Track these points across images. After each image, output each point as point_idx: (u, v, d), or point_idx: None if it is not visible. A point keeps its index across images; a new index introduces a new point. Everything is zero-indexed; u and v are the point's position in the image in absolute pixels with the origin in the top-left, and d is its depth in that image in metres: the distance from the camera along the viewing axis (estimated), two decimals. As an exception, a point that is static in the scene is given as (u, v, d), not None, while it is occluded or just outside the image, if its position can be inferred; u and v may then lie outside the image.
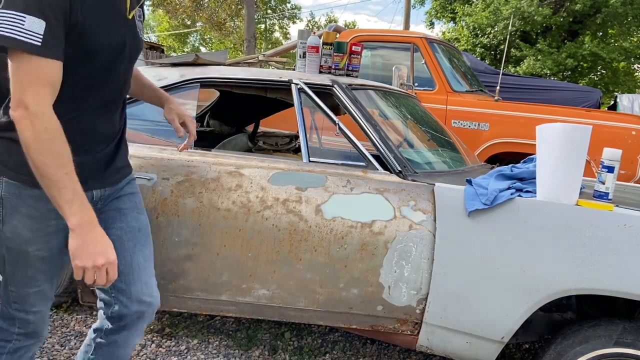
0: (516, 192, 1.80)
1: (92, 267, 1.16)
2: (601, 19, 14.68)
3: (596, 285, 1.64)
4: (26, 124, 1.08)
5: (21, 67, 1.07)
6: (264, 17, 26.79)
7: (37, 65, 1.07)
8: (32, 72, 1.07)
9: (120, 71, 1.31)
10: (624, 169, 3.61)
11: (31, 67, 1.07)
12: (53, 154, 1.09)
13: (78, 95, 1.23)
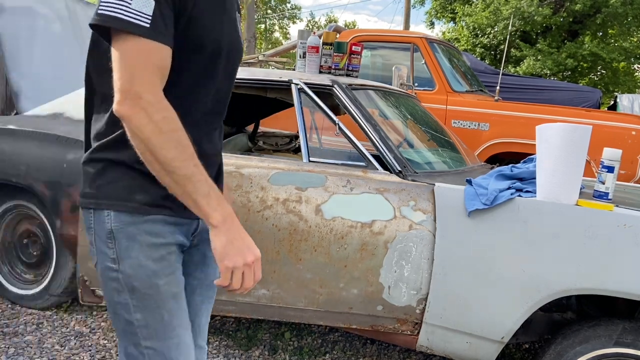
0: (516, 192, 1.80)
1: (242, 265, 0.96)
2: (601, 19, 14.67)
3: (596, 285, 1.64)
4: (141, 117, 0.89)
5: (128, 51, 0.89)
6: (264, 17, 26.79)
7: (147, 49, 0.90)
8: (141, 57, 0.89)
9: (221, 76, 1.09)
10: (624, 169, 3.61)
11: (140, 51, 0.89)
12: (178, 145, 0.91)
13: (182, 102, 1.00)
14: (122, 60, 0.90)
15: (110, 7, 0.88)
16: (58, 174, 2.29)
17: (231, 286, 0.97)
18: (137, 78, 0.89)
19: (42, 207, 2.46)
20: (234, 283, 0.97)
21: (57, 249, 2.47)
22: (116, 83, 0.90)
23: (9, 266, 2.65)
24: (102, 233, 1.02)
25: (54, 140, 2.35)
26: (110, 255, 1.02)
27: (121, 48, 0.90)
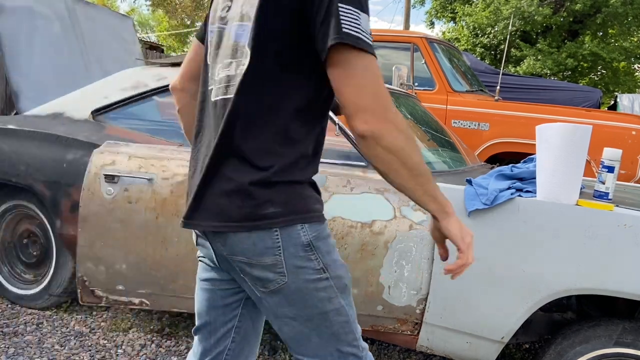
0: (516, 192, 1.80)
1: (470, 243, 1.05)
2: (601, 19, 14.67)
3: (596, 285, 1.64)
4: (393, 130, 0.92)
5: (368, 71, 0.91)
6: (264, 17, 26.76)
7: (377, 66, 0.93)
8: (377, 74, 0.92)
9: None
10: (624, 169, 3.61)
11: (375, 68, 0.92)
12: (417, 147, 0.97)
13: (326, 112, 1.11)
14: (364, 79, 0.91)
15: (353, 26, 0.89)
16: (58, 174, 2.28)
17: (467, 262, 1.05)
18: (380, 94, 0.91)
19: (42, 207, 2.46)
20: (470, 258, 1.04)
21: (57, 249, 2.47)
22: (355, 102, 0.91)
23: (9, 266, 2.65)
24: (297, 248, 1.01)
25: (54, 140, 2.34)
26: (314, 266, 1.03)
27: (361, 67, 0.90)
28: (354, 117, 0.92)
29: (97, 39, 3.73)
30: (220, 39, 1.07)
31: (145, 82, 2.40)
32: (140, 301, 2.12)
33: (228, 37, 1.04)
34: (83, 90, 2.59)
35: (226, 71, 1.03)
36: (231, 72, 1.02)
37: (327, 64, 0.92)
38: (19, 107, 2.92)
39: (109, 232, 2.05)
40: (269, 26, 0.96)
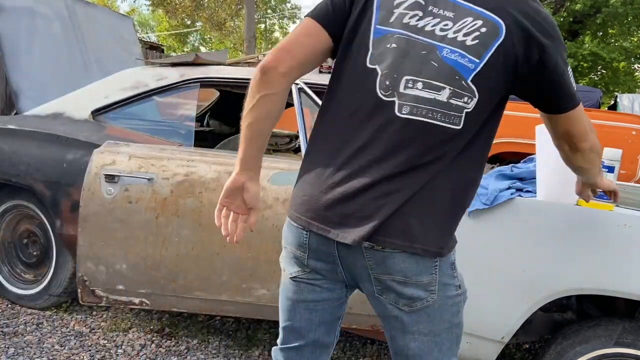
0: (516, 192, 1.80)
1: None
2: (601, 19, 14.67)
3: (596, 285, 1.63)
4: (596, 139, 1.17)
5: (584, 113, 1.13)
6: (264, 17, 26.80)
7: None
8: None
9: None
10: (624, 169, 3.61)
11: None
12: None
13: None
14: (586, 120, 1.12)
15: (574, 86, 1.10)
16: (58, 174, 2.28)
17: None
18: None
19: (42, 207, 2.46)
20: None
21: (57, 249, 2.47)
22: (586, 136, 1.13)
23: (9, 266, 2.65)
24: (447, 267, 1.08)
25: (54, 140, 2.35)
26: (455, 283, 1.10)
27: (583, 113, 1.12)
28: (585, 140, 1.14)
29: (97, 39, 3.73)
30: (408, 49, 1.02)
31: (145, 82, 2.40)
32: (140, 301, 2.12)
33: (442, 58, 1.01)
34: (83, 90, 2.59)
35: (431, 93, 1.01)
36: (442, 99, 1.01)
37: (562, 115, 1.09)
38: (19, 107, 2.92)
39: (109, 232, 2.05)
40: (496, 69, 1.01)
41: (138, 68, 2.56)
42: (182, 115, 2.46)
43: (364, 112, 1.04)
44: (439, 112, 1.00)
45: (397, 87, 1.01)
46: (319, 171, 1.06)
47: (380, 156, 1.01)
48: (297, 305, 1.17)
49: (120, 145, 2.16)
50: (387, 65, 1.02)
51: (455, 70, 1.00)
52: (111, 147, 2.14)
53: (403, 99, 1.01)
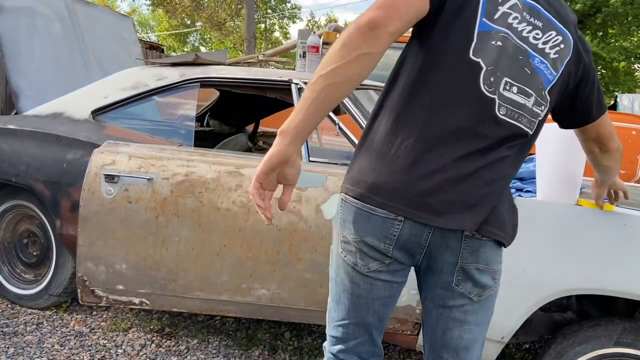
0: (516, 192, 1.80)
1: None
2: (601, 19, 14.67)
3: (596, 285, 1.63)
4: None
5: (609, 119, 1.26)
6: (264, 17, 26.79)
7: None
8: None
9: None
10: (624, 169, 3.61)
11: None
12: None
13: None
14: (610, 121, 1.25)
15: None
16: (58, 174, 2.28)
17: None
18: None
19: (42, 207, 2.46)
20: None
21: (57, 249, 2.47)
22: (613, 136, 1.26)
23: (9, 266, 2.65)
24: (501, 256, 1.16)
25: (54, 140, 2.35)
26: (500, 271, 1.16)
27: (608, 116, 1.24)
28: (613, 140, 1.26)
29: (97, 39, 3.73)
30: (510, 51, 1.03)
31: (145, 82, 2.40)
32: (140, 301, 2.12)
33: (531, 66, 1.05)
34: (83, 90, 2.59)
35: (523, 99, 1.04)
36: (529, 105, 1.05)
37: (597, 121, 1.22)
38: (19, 107, 2.92)
39: (109, 232, 2.05)
40: (561, 83, 1.10)
41: (138, 68, 2.56)
42: (182, 115, 2.46)
43: (465, 103, 1.01)
44: (525, 117, 1.05)
45: (499, 86, 1.02)
46: (409, 156, 1.01)
47: (479, 148, 1.01)
48: (372, 302, 1.12)
49: (120, 145, 2.16)
50: (491, 62, 1.01)
51: (541, 80, 1.05)
52: (111, 147, 2.14)
53: (502, 99, 1.03)
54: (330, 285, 1.18)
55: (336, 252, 1.13)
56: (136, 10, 30.80)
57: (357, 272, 1.08)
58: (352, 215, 1.06)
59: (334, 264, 1.15)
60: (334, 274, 1.16)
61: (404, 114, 1.04)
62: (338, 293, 1.14)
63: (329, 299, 1.19)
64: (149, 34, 31.91)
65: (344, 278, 1.11)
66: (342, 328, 1.16)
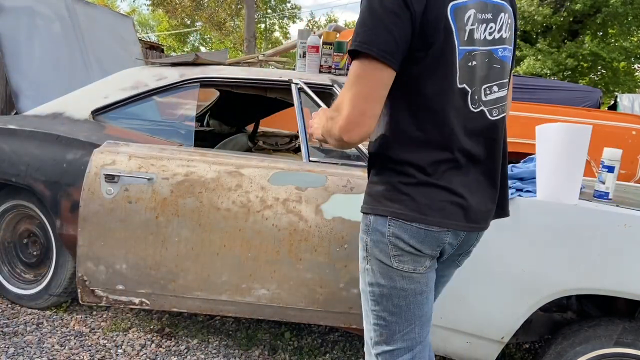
0: (516, 192, 1.80)
1: None
2: (601, 19, 14.67)
3: (596, 285, 1.63)
4: None
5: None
6: (264, 16, 26.79)
7: None
8: None
9: None
10: (624, 169, 3.61)
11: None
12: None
13: None
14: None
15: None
16: (58, 174, 2.29)
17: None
18: None
19: (42, 207, 2.46)
20: None
21: (57, 249, 2.47)
22: None
23: (9, 266, 2.65)
24: None
25: (54, 140, 2.35)
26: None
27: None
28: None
29: (97, 39, 3.73)
30: (480, 62, 1.12)
31: (145, 82, 2.40)
32: (140, 301, 2.12)
33: (498, 60, 1.16)
34: (83, 90, 2.59)
35: (501, 92, 1.18)
36: (502, 94, 1.19)
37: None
38: (19, 107, 2.92)
39: (109, 232, 2.05)
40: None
41: (138, 68, 2.56)
42: (182, 115, 2.46)
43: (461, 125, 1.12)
44: (503, 105, 1.21)
45: (481, 97, 1.14)
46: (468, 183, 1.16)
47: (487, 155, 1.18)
48: (430, 294, 1.23)
49: (120, 145, 2.16)
50: (472, 82, 1.12)
51: (507, 64, 1.20)
52: (111, 147, 2.14)
53: (488, 105, 1.15)
54: (375, 306, 1.22)
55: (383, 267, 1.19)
56: (136, 10, 30.78)
57: (417, 272, 1.18)
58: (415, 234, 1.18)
59: (382, 279, 1.19)
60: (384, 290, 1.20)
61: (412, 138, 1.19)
62: (396, 305, 1.20)
63: (375, 319, 1.23)
64: (149, 34, 31.90)
65: (403, 284, 1.18)
66: (407, 335, 1.21)
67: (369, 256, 1.19)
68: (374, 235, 1.17)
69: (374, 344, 1.24)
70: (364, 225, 1.20)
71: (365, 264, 1.21)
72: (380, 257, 1.17)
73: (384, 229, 1.15)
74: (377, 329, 1.22)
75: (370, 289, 1.21)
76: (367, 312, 1.24)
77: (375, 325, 1.22)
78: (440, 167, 1.11)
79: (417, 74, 1.09)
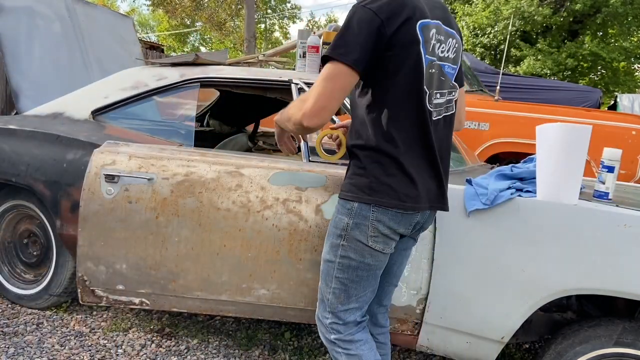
0: (516, 192, 1.80)
1: None
2: (601, 19, 14.67)
3: (596, 285, 1.64)
4: None
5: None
6: (264, 17, 26.78)
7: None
8: None
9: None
10: (624, 169, 3.61)
11: None
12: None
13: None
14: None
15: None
16: (58, 174, 2.29)
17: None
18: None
19: (42, 207, 2.46)
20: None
21: (57, 249, 2.47)
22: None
23: (9, 266, 2.65)
24: None
25: (54, 140, 2.35)
26: None
27: None
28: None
29: (97, 39, 3.73)
30: (435, 72, 1.39)
31: (145, 82, 2.40)
32: (140, 301, 2.12)
33: (444, 74, 1.43)
34: (83, 90, 2.59)
35: (441, 99, 1.43)
36: (442, 101, 1.44)
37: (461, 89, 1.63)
38: (19, 107, 2.92)
39: (109, 232, 2.05)
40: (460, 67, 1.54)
41: (138, 68, 2.56)
42: (182, 115, 2.46)
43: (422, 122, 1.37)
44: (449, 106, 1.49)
45: (432, 100, 1.39)
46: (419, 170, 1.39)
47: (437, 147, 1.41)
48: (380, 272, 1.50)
49: (120, 145, 2.16)
50: (430, 85, 1.38)
51: (449, 79, 1.47)
52: (111, 147, 2.14)
53: (434, 107, 1.41)
54: (341, 274, 1.46)
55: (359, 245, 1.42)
56: (136, 10, 30.79)
57: (383, 253, 1.44)
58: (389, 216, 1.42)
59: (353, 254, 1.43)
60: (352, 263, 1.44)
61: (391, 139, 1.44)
62: (359, 275, 1.45)
63: (337, 284, 1.48)
64: (149, 34, 31.90)
65: (369, 261, 1.43)
66: (361, 298, 1.49)
67: (347, 235, 1.42)
68: (357, 219, 1.40)
69: (330, 304, 1.50)
70: (344, 209, 1.42)
71: (340, 240, 1.44)
72: (359, 237, 1.41)
73: (368, 213, 1.38)
74: (337, 292, 1.48)
75: (339, 260, 1.45)
76: (330, 278, 1.48)
77: (335, 289, 1.48)
78: (409, 158, 1.36)
79: (393, 77, 1.32)
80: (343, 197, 1.43)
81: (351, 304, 1.49)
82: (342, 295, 1.48)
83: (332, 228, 1.48)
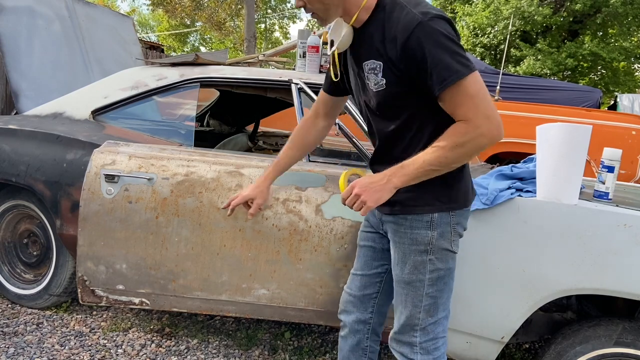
0: (516, 192, 1.80)
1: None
2: (601, 19, 14.68)
3: (596, 285, 1.64)
4: None
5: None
6: (264, 17, 26.78)
7: None
8: None
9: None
10: (624, 169, 3.61)
11: None
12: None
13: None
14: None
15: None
16: (58, 174, 2.29)
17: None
18: None
19: (42, 207, 2.46)
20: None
21: (57, 248, 2.47)
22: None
23: (9, 266, 2.65)
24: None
25: (54, 140, 2.35)
26: None
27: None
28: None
29: (97, 39, 3.73)
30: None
31: (145, 82, 2.40)
32: (140, 301, 2.12)
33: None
34: (83, 90, 2.59)
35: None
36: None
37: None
38: (19, 107, 2.92)
39: (109, 232, 2.05)
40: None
41: (138, 68, 2.56)
42: (182, 115, 2.46)
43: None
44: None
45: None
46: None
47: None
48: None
49: (120, 145, 2.16)
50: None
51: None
52: (111, 147, 2.14)
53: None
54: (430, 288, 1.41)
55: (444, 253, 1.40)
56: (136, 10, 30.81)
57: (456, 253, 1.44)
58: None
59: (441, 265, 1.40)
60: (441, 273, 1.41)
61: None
62: (446, 282, 1.43)
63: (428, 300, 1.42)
64: (149, 34, 31.90)
65: (452, 265, 1.43)
66: (446, 304, 1.46)
67: (433, 248, 1.38)
68: (440, 228, 1.38)
69: (421, 321, 1.43)
70: (422, 223, 1.38)
71: (426, 256, 1.38)
72: (445, 246, 1.39)
73: (448, 219, 1.38)
74: (427, 308, 1.42)
75: (429, 276, 1.40)
76: (419, 297, 1.41)
77: (425, 305, 1.41)
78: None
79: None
80: (420, 211, 1.37)
81: (439, 313, 1.44)
82: (431, 309, 1.43)
83: (408, 247, 1.40)
